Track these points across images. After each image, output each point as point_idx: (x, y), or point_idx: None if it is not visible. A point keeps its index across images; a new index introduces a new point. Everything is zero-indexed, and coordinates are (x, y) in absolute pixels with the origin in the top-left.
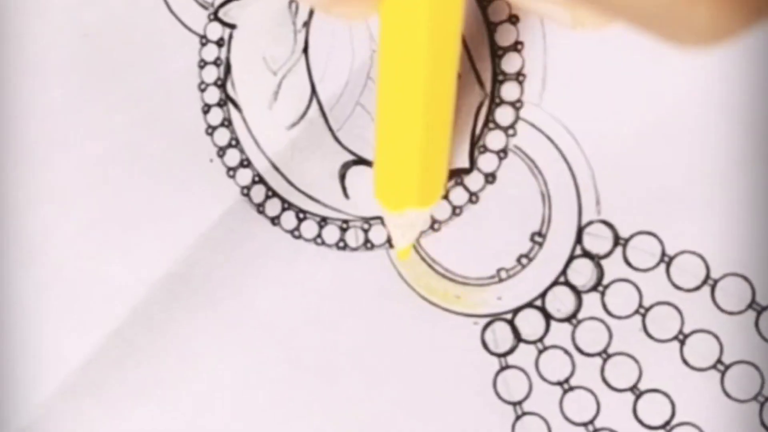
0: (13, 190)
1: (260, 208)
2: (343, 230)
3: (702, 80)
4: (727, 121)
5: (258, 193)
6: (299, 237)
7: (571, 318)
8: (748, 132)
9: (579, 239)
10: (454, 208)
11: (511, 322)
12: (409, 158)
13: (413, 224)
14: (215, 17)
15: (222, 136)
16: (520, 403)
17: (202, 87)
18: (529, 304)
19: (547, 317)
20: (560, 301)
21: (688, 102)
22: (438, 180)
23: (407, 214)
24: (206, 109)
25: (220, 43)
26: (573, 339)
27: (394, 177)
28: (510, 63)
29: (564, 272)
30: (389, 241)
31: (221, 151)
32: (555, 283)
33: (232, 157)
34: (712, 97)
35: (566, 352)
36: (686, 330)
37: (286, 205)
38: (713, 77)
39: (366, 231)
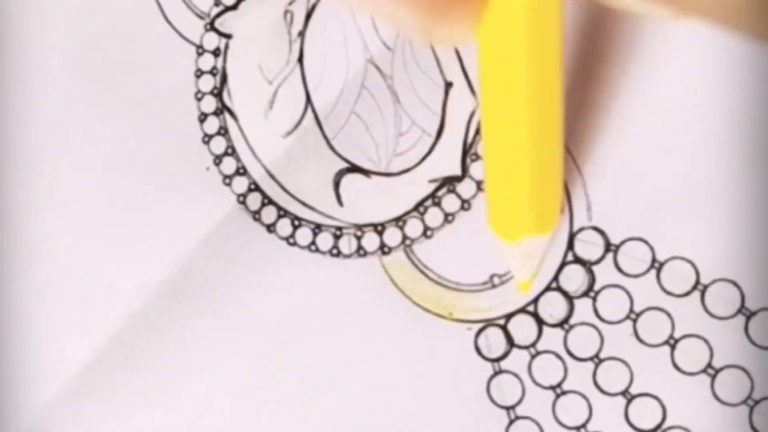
0: (13, 194)
1: (256, 215)
2: (337, 237)
3: (692, 87)
4: (717, 129)
5: (254, 200)
6: (294, 244)
7: (563, 323)
8: (737, 139)
9: (570, 245)
10: (447, 215)
11: (504, 328)
12: (521, 183)
13: (532, 254)
14: (211, 27)
15: (218, 145)
16: (513, 407)
17: (199, 96)
18: (522, 310)
19: (540, 322)
20: (552, 307)
21: (678, 109)
22: (554, 203)
23: (525, 243)
24: (203, 117)
25: (216, 52)
26: (565, 344)
27: (507, 205)
28: None
29: (556, 278)
30: (382, 248)
31: (218, 160)
32: (547, 288)
33: (229, 165)
34: (702, 104)
35: (558, 356)
36: (677, 335)
37: (282, 212)
38: (703, 84)
39: (359, 238)
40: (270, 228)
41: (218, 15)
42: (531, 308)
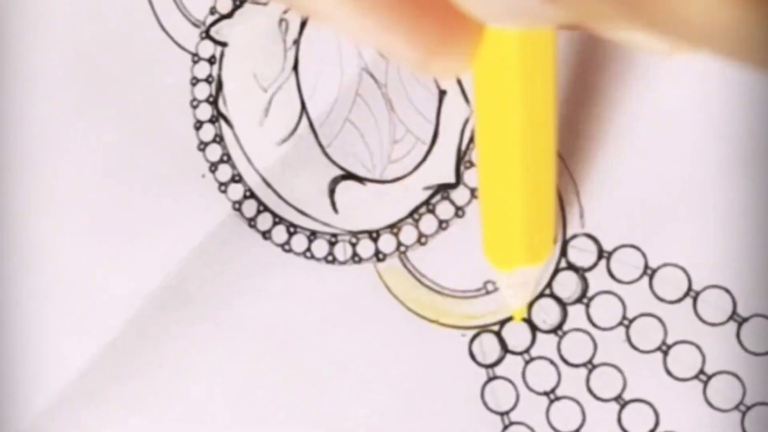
0: (11, 202)
1: (252, 222)
2: (332, 244)
3: (684, 95)
4: (709, 136)
5: (249, 207)
6: (290, 251)
7: (557, 329)
8: (730, 146)
9: (564, 252)
10: (441, 222)
11: (498, 334)
12: (514, 215)
13: (525, 283)
14: (207, 35)
15: (214, 152)
16: (507, 413)
17: (194, 104)
18: None
19: (534, 329)
20: (546, 313)
21: (670, 117)
22: (547, 234)
23: (518, 272)
24: (198, 125)
25: (211, 60)
26: (559, 350)
27: (500, 235)
28: None
29: (549, 285)
30: (377, 255)
31: (213, 167)
32: (541, 295)
33: (224, 172)
34: (694, 111)
35: (552, 362)
36: (669, 341)
37: (277, 219)
38: (695, 92)
39: (354, 245)
40: (265, 235)
41: (213, 23)
42: (524, 314)
